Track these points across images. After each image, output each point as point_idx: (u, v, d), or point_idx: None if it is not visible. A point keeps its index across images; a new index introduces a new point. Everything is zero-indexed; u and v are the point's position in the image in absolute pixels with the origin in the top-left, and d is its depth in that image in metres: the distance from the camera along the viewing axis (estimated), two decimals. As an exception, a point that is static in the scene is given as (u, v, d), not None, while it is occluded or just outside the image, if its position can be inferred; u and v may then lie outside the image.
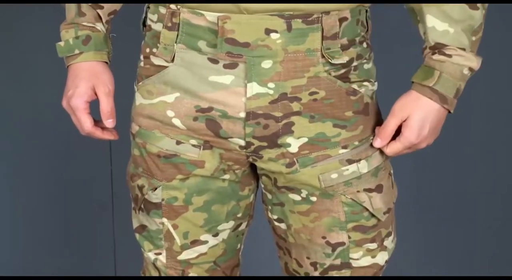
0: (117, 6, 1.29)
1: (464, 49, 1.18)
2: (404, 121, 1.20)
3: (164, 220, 1.27)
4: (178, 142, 1.22)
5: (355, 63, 1.19)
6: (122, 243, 2.25)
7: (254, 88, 1.15)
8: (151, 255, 1.32)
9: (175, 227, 1.28)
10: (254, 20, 1.13)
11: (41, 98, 2.11)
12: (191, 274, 1.31)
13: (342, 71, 1.18)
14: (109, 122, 1.25)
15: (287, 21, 1.13)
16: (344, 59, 1.17)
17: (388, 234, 1.31)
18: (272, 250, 1.45)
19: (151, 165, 1.25)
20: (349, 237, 1.26)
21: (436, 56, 1.18)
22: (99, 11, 1.26)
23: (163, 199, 1.26)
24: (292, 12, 1.13)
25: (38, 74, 2.10)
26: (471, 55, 1.19)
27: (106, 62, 1.27)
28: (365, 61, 1.21)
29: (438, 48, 1.19)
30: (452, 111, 1.22)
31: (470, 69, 1.19)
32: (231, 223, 1.31)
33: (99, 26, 1.26)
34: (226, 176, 1.26)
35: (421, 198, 2.32)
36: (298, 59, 1.15)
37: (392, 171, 1.31)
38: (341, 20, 1.16)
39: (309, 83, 1.16)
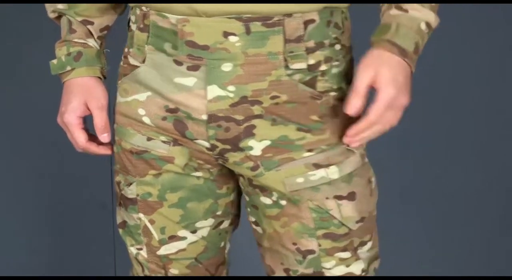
0: (108, 21, 1.31)
1: (421, 4, 1.16)
2: (374, 81, 1.15)
3: (141, 215, 1.28)
4: (148, 139, 1.22)
5: (323, 67, 1.16)
6: (122, 243, 2.24)
7: (214, 91, 1.15)
8: (133, 250, 1.33)
9: (151, 222, 1.28)
10: (212, 23, 1.13)
11: (41, 98, 2.11)
12: (171, 270, 1.31)
13: (308, 76, 1.16)
14: (104, 137, 1.27)
15: (245, 24, 1.12)
16: (303, 65, 1.14)
17: (362, 244, 1.25)
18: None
19: (125, 161, 1.26)
20: (319, 245, 1.22)
21: (393, 11, 1.17)
22: (89, 27, 1.28)
23: (138, 195, 1.26)
24: (251, 15, 1.12)
25: (38, 73, 2.11)
26: (428, 9, 1.16)
27: (100, 77, 1.28)
28: (336, 63, 1.18)
29: (395, 3, 1.17)
30: (413, 70, 1.17)
31: (427, 24, 1.16)
32: (211, 221, 1.30)
33: (91, 42, 1.28)
34: (199, 174, 1.25)
35: (421, 198, 2.32)
36: (260, 62, 1.14)
37: (373, 179, 1.27)
38: (307, 22, 1.14)
39: (270, 87, 1.15)
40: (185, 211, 1.27)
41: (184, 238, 1.29)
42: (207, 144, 1.19)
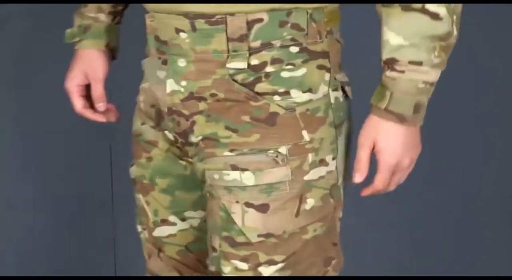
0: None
1: (420, 63, 1.13)
2: (374, 148, 1.17)
3: (140, 196, 1.34)
4: (142, 123, 1.31)
5: (269, 69, 1.14)
6: (122, 243, 2.25)
7: (171, 85, 1.19)
8: (139, 228, 1.39)
9: (147, 203, 1.33)
10: (167, 19, 1.17)
11: (41, 97, 2.11)
12: (165, 252, 1.35)
13: (251, 77, 1.14)
14: (99, 106, 1.36)
15: (191, 21, 1.14)
16: (241, 64, 1.13)
17: (270, 262, 1.18)
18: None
19: (132, 144, 1.34)
20: (220, 246, 1.20)
21: (389, 73, 1.14)
22: (100, 3, 1.35)
23: (136, 176, 1.34)
24: (194, 13, 1.14)
25: (38, 73, 2.10)
26: (428, 68, 1.13)
27: (105, 51, 1.35)
28: (288, 67, 1.15)
29: (391, 63, 1.14)
30: (418, 126, 1.17)
31: (426, 82, 1.14)
32: (201, 213, 1.31)
33: (101, 17, 1.35)
34: (184, 163, 1.28)
35: (420, 198, 2.32)
36: (207, 60, 1.16)
37: (314, 202, 1.18)
38: (254, 21, 1.13)
39: (213, 85, 1.16)
40: (173, 198, 1.31)
41: (174, 223, 1.33)
42: (171, 136, 1.25)
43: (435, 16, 1.11)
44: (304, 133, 1.16)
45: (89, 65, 1.35)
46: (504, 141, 2.31)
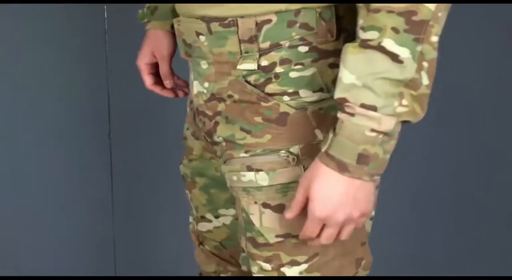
0: None
1: (373, 108, 1.01)
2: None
3: (187, 191, 1.40)
4: (187, 128, 1.37)
5: (278, 69, 1.13)
6: (122, 243, 2.25)
7: (196, 86, 1.23)
8: (190, 219, 1.44)
9: (192, 199, 1.40)
10: (189, 23, 1.19)
11: (41, 97, 2.11)
12: (205, 246, 1.42)
13: (263, 78, 1.14)
14: (166, 83, 1.42)
15: (207, 24, 1.16)
16: (252, 66, 1.14)
17: (293, 263, 1.17)
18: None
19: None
20: (246, 246, 1.21)
21: (339, 114, 1.04)
22: None
23: (183, 173, 1.40)
24: (209, 16, 1.16)
25: (39, 73, 2.10)
26: (382, 115, 1.01)
27: (171, 31, 1.40)
28: (297, 67, 1.12)
29: (341, 103, 1.03)
30: (365, 179, 1.04)
31: (375, 131, 1.02)
32: (232, 211, 1.35)
33: None
34: (216, 162, 1.31)
35: (419, 198, 2.32)
36: (224, 61, 1.17)
37: None
38: (263, 22, 1.12)
39: (229, 86, 1.17)
40: (209, 196, 1.36)
41: (210, 220, 1.39)
42: (202, 136, 1.28)
43: (394, 57, 1.00)
44: (318, 132, 1.14)
45: (156, 44, 1.40)
46: (504, 140, 2.31)
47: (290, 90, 1.13)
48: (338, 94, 1.03)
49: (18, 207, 2.17)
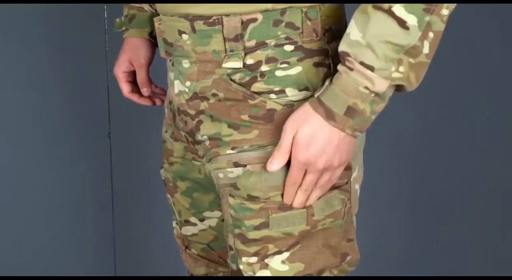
0: None
1: (371, 68, 1.04)
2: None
3: (168, 196, 1.40)
4: (165, 131, 1.36)
5: (264, 68, 1.14)
6: (122, 243, 2.25)
7: (178, 85, 1.23)
8: (173, 224, 1.45)
9: (174, 204, 1.40)
10: (171, 22, 1.19)
11: (41, 97, 2.11)
12: (192, 249, 1.42)
13: (248, 77, 1.15)
14: (143, 91, 1.42)
15: (191, 23, 1.16)
16: (237, 64, 1.14)
17: (276, 253, 1.17)
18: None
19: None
20: (234, 243, 1.20)
21: (339, 66, 1.08)
22: None
23: (165, 178, 1.40)
24: (193, 14, 1.16)
25: (39, 73, 2.10)
26: (377, 76, 1.04)
27: (149, 39, 1.40)
28: (283, 66, 1.14)
29: (344, 56, 1.07)
30: (348, 132, 1.08)
31: (368, 89, 1.05)
32: (217, 213, 1.35)
33: (146, 7, 1.41)
34: (198, 164, 1.31)
35: (419, 198, 2.32)
36: (208, 60, 1.17)
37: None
38: (248, 21, 1.13)
39: (213, 85, 1.17)
40: (192, 200, 1.36)
41: (195, 224, 1.39)
42: (183, 136, 1.28)
43: (401, 23, 1.03)
44: None
45: (134, 52, 1.40)
46: (505, 140, 2.32)
47: (277, 89, 1.15)
48: (342, 47, 1.07)
49: (18, 207, 2.17)
